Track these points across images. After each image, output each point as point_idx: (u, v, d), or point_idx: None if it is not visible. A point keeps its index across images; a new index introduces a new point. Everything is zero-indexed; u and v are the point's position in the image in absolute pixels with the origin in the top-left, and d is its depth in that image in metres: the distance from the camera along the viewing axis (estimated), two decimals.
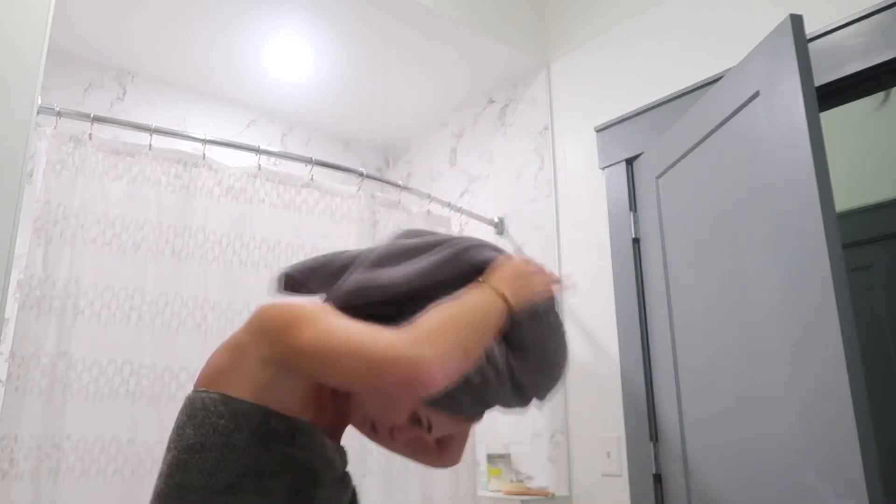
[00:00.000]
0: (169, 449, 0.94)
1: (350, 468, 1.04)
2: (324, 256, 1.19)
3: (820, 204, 1.41)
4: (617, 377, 2.21)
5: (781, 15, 1.93)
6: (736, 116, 1.73)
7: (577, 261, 2.43)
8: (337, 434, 1.07)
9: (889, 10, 1.70)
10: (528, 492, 2.24)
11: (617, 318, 2.22)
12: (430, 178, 3.16)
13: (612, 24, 2.46)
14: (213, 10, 2.35)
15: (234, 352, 0.98)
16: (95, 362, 1.70)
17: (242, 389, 0.92)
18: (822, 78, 1.77)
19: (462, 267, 1.04)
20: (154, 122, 1.94)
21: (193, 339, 1.84)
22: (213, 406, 0.92)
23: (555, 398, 2.39)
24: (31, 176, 2.08)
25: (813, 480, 1.40)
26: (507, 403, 1.07)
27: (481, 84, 2.85)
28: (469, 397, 1.00)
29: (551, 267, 2.49)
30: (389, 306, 1.03)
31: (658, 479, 2.02)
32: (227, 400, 0.92)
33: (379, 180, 2.50)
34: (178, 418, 0.96)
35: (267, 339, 0.93)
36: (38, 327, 1.62)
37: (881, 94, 2.53)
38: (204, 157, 1.96)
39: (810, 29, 1.81)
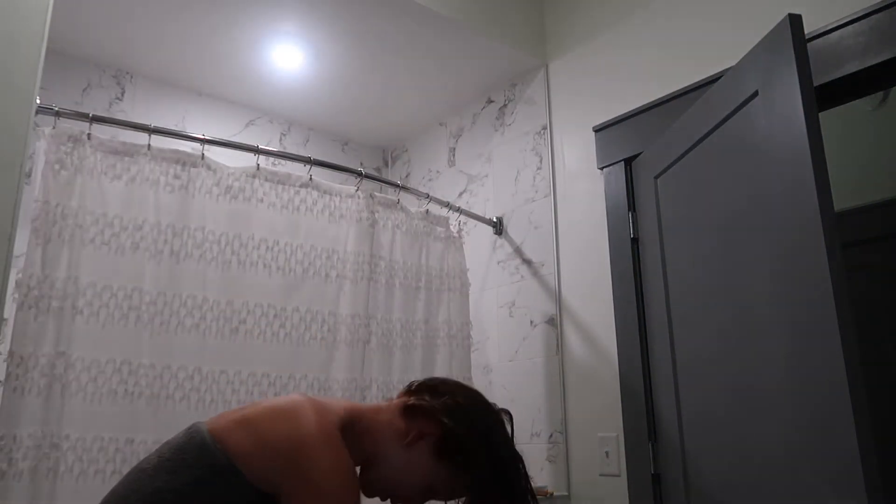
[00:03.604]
0: None
1: None
2: None
3: (818, 203, 1.40)
4: (615, 377, 2.21)
5: (780, 14, 1.93)
6: (735, 116, 1.72)
7: (575, 260, 2.43)
8: None
9: (888, 10, 1.70)
10: None
11: (615, 317, 2.22)
12: (428, 178, 3.16)
13: (610, 23, 2.46)
14: (211, 10, 2.35)
15: None
16: (94, 362, 1.69)
17: None
18: (820, 78, 1.77)
19: None
20: (153, 122, 1.94)
21: (192, 338, 1.84)
22: None
23: (553, 398, 2.39)
24: (29, 176, 2.08)
25: (812, 480, 1.40)
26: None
27: (480, 84, 2.84)
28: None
29: (550, 266, 2.49)
30: None
31: (657, 478, 2.02)
32: None
33: (378, 180, 2.50)
34: None
35: None
36: (37, 327, 1.62)
37: (880, 94, 2.53)
38: (203, 157, 1.96)
39: (809, 28, 1.81)
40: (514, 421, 1.43)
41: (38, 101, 1.56)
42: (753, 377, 1.63)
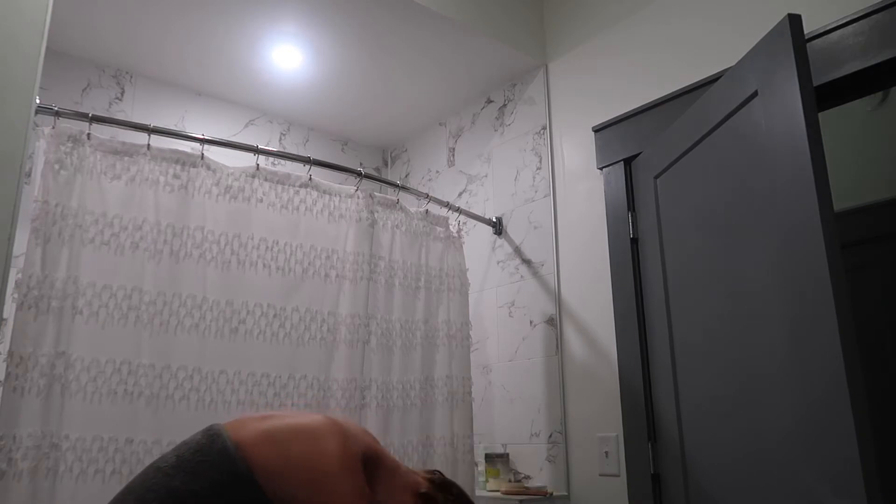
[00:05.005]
0: None
1: None
2: None
3: (818, 203, 1.41)
4: (615, 377, 2.21)
5: (780, 14, 1.94)
6: (734, 116, 1.73)
7: (575, 261, 2.43)
8: None
9: (887, 10, 1.70)
10: (527, 491, 2.24)
11: (615, 317, 2.22)
12: (428, 178, 3.16)
13: (610, 24, 2.46)
14: (211, 10, 2.35)
15: None
16: (93, 362, 1.69)
17: None
18: (820, 77, 1.78)
19: None
20: (152, 122, 1.94)
21: (191, 338, 1.84)
22: None
23: (553, 398, 2.40)
24: (29, 176, 2.08)
25: (811, 480, 1.40)
26: None
27: (479, 84, 2.84)
28: None
29: (549, 266, 2.50)
30: None
31: (656, 478, 2.03)
32: None
33: (377, 180, 2.50)
34: None
35: None
36: (37, 327, 1.62)
37: (879, 94, 2.53)
38: (202, 157, 1.96)
39: (809, 28, 1.82)
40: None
41: (37, 101, 1.57)
42: (753, 377, 1.63)
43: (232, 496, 1.10)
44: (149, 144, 1.87)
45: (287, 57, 2.63)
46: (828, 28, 1.80)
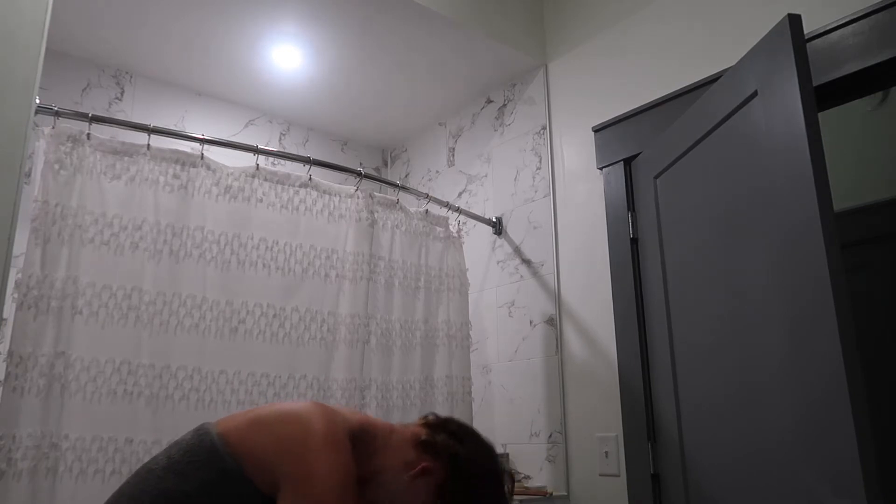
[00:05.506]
0: None
1: None
2: None
3: (818, 203, 1.41)
4: (615, 377, 2.21)
5: (780, 14, 1.94)
6: (734, 116, 1.73)
7: (574, 261, 2.43)
8: None
9: (887, 10, 1.70)
10: (526, 491, 2.24)
11: (615, 317, 2.22)
12: (428, 178, 3.16)
13: (610, 23, 2.46)
14: (211, 10, 2.35)
15: None
16: (93, 362, 1.69)
17: None
18: (820, 77, 1.78)
19: None
20: (152, 122, 1.94)
21: (192, 338, 1.84)
22: None
23: (552, 398, 2.40)
24: (28, 176, 2.08)
25: (811, 480, 1.40)
26: None
27: (479, 84, 2.84)
28: None
29: (549, 266, 2.50)
30: None
31: (656, 478, 2.03)
32: None
33: (377, 180, 2.50)
34: None
35: None
36: (36, 327, 1.62)
37: (879, 94, 2.53)
38: (202, 157, 1.96)
39: (809, 28, 1.82)
40: (511, 447, 1.48)
41: (37, 101, 1.56)
42: (752, 377, 1.63)
43: (223, 494, 1.10)
44: (149, 144, 1.87)
45: (287, 57, 2.63)
46: (828, 28, 1.80)
